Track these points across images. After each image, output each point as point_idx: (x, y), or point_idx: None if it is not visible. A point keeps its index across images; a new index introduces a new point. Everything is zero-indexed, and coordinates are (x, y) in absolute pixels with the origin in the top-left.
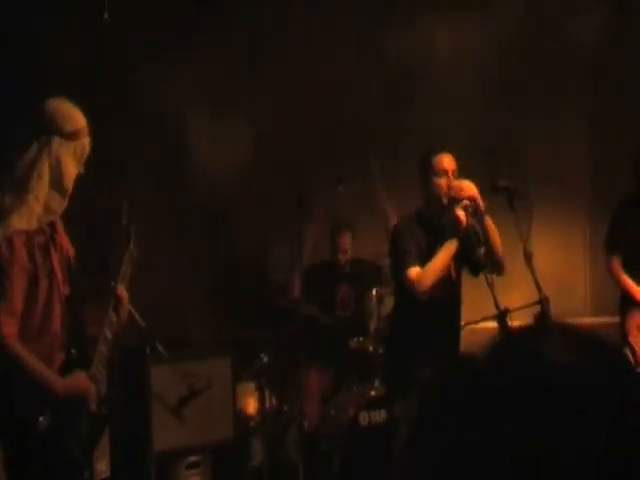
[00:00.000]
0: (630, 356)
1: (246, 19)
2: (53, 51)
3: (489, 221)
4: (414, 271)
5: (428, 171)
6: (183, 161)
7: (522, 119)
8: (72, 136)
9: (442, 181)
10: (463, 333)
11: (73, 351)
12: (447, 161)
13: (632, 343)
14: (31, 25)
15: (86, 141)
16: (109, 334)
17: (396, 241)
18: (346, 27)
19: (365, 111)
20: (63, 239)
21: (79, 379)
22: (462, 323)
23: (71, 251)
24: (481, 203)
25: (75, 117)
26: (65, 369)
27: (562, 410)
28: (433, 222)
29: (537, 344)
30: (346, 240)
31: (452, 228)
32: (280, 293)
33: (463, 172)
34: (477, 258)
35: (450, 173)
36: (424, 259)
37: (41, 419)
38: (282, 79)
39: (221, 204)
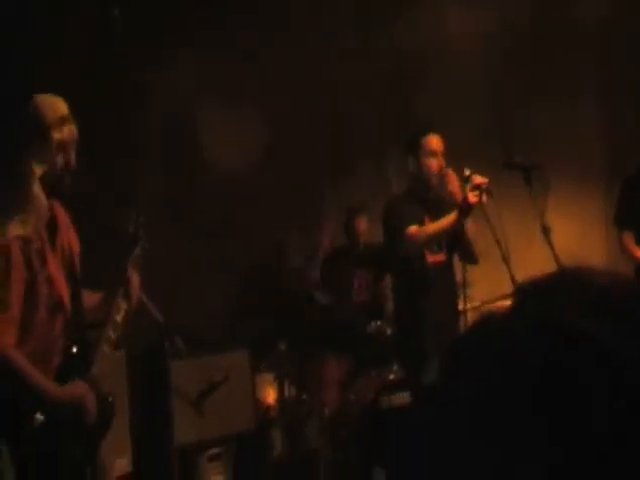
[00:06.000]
0: None
1: (250, 16)
2: (56, 50)
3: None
4: (412, 228)
5: (418, 151)
6: (197, 160)
7: (538, 99)
8: (60, 122)
9: (433, 161)
10: (477, 313)
11: (75, 350)
12: (436, 142)
13: None
14: (31, 25)
15: (70, 128)
16: (118, 318)
17: (390, 212)
18: (351, 12)
19: (375, 97)
20: (65, 237)
21: (75, 388)
22: (477, 304)
23: (76, 247)
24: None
25: (57, 105)
26: (65, 369)
27: None
28: (422, 200)
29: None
30: (362, 223)
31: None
32: (297, 281)
33: (475, 150)
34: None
35: (439, 154)
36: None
37: (38, 415)
38: (290, 72)
39: (235, 198)
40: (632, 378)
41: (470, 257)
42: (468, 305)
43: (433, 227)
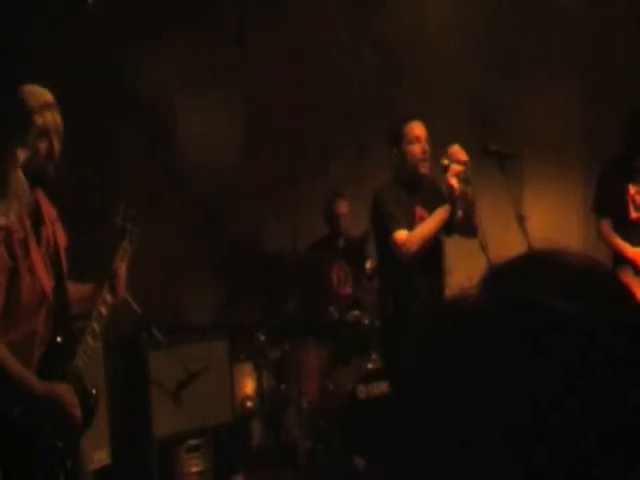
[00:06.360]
0: None
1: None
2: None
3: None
4: (401, 234)
5: (401, 139)
6: (176, 144)
7: (513, 84)
8: (43, 107)
9: (416, 148)
10: None
11: (59, 340)
12: (419, 128)
13: None
14: (31, 25)
15: (53, 115)
16: (103, 311)
17: (380, 207)
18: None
19: (355, 87)
20: (50, 230)
21: (56, 387)
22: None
23: (62, 241)
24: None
25: (40, 92)
26: (49, 359)
27: None
28: (410, 188)
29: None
30: (343, 207)
31: (447, 196)
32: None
33: (454, 138)
34: (453, 220)
35: (423, 139)
36: (408, 224)
37: (17, 409)
38: (271, 58)
39: (213, 187)
40: (609, 363)
41: (472, 233)
42: (447, 293)
43: (423, 229)
